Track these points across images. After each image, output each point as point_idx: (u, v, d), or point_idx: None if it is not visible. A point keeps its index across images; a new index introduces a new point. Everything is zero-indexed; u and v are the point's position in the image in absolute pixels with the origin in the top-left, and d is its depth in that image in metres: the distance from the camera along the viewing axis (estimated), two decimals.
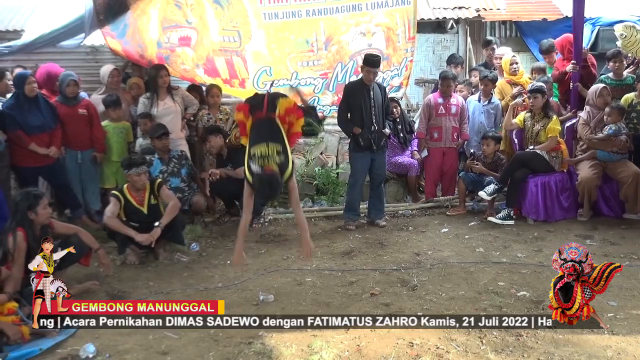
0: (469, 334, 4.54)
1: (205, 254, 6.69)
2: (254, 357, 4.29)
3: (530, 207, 7.37)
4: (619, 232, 6.91)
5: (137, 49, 7.92)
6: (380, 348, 4.35)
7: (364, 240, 7.01)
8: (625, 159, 7.28)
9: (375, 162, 7.44)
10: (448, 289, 5.43)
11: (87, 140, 7.48)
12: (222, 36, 7.94)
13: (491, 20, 11.00)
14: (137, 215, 6.37)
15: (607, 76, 7.89)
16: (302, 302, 5.27)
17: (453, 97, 8.22)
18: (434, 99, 8.25)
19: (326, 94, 8.24)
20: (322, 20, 8.00)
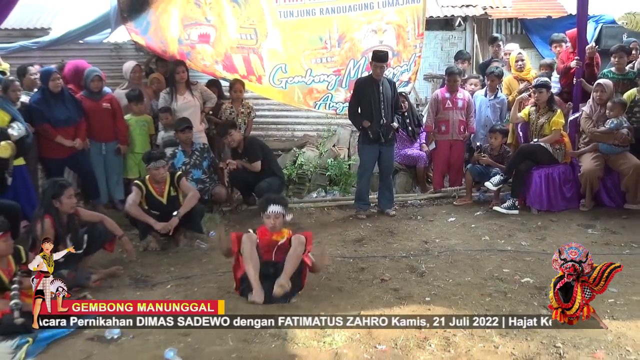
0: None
1: None
2: (269, 338, 4.31)
3: (534, 198, 7.36)
4: (620, 221, 6.88)
5: (160, 45, 7.95)
6: (390, 331, 4.36)
7: (375, 228, 7.03)
8: (627, 152, 7.23)
9: (383, 154, 7.44)
10: (455, 275, 5.44)
11: (110, 132, 7.53)
12: (240, 34, 7.95)
13: (497, 18, 10.94)
14: (157, 205, 6.42)
15: (609, 70, 7.84)
16: (316, 286, 5.28)
17: (459, 91, 8.22)
18: (441, 94, 8.25)
19: (339, 91, 8.23)
20: (335, 19, 7.99)
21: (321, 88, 8.26)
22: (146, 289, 5.39)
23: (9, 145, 5.01)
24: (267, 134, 9.77)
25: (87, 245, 5.54)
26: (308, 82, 8.19)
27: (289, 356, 4.07)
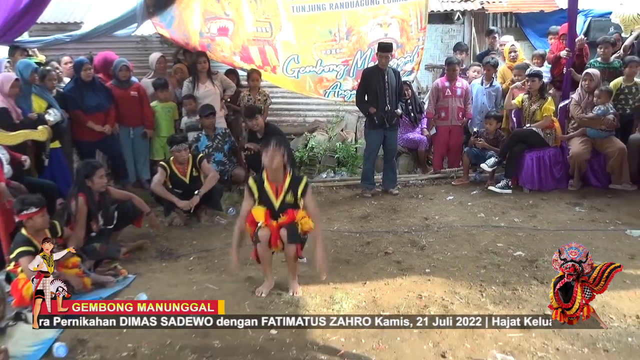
0: (470, 288, 4.56)
1: None
2: (283, 305, 4.34)
3: (526, 178, 7.34)
4: (605, 200, 6.85)
5: (183, 38, 7.97)
6: (393, 299, 4.39)
7: (379, 206, 7.02)
8: (612, 136, 7.21)
9: (387, 138, 7.41)
10: (453, 249, 5.44)
11: (138, 118, 7.54)
12: (255, 27, 7.93)
13: (493, 12, 10.86)
14: (180, 184, 6.43)
15: (596, 60, 7.82)
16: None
17: (458, 80, 8.17)
18: (441, 83, 8.21)
19: (347, 80, 8.20)
20: (343, 13, 7.96)
21: (330, 77, 8.24)
22: (171, 261, 5.43)
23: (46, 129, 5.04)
24: (281, 119, 9.74)
25: (117, 221, 5.58)
26: (318, 72, 8.17)
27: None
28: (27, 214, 4.53)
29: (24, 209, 4.52)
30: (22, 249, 4.45)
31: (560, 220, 6.22)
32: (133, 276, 5.00)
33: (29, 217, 4.54)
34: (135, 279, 4.95)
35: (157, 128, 7.69)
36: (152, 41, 9.25)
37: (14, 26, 6.80)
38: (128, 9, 7.65)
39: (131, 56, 8.57)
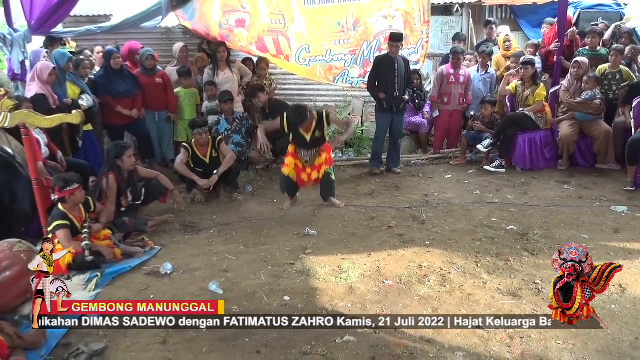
0: (467, 259, 4.56)
1: (257, 194, 6.75)
2: (295, 274, 4.36)
3: (519, 158, 7.28)
4: (592, 179, 6.79)
5: (204, 29, 7.92)
6: (395, 269, 4.39)
7: (383, 184, 7.00)
8: (599, 119, 7.15)
9: (394, 122, 7.36)
10: (450, 223, 5.42)
11: (162, 103, 7.52)
12: (270, 19, 7.86)
13: (490, 5, 10.70)
14: (201, 164, 6.42)
15: (584, 48, 7.75)
16: (333, 232, 5.31)
17: (461, 68, 8.10)
18: (446, 70, 8.13)
19: (354, 68, 8.11)
20: (351, 6, 7.87)
21: (339, 65, 8.17)
22: (193, 234, 5.46)
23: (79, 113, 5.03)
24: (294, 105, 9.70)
25: (144, 197, 5.61)
26: (328, 61, 8.10)
27: (311, 289, 4.11)
28: (70, 190, 4.56)
29: (68, 186, 4.56)
30: (58, 222, 4.48)
31: (550, 197, 6.18)
32: (159, 247, 5.03)
33: (71, 193, 4.57)
34: (161, 250, 4.98)
35: (181, 112, 7.67)
36: (176, 32, 9.19)
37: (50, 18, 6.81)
38: (154, 3, 7.60)
39: (156, 46, 8.52)
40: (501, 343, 3.36)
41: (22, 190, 4.95)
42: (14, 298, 3.81)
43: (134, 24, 7.78)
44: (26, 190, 4.90)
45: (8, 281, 3.77)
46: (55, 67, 6.23)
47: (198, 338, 3.47)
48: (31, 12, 6.74)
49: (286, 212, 5.95)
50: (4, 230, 4.59)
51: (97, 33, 7.74)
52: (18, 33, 6.85)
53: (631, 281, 4.09)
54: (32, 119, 4.60)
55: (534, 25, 10.08)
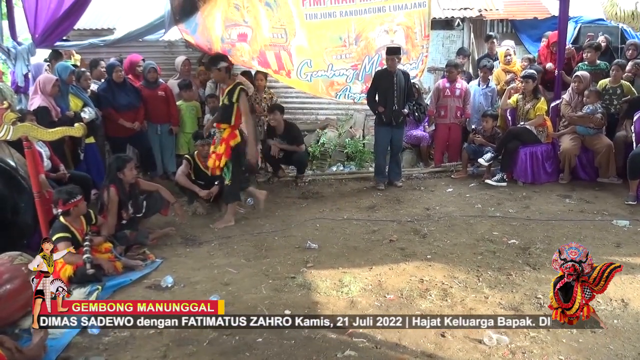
0: (468, 273, 4.54)
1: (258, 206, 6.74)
2: (296, 288, 4.34)
3: (520, 172, 7.29)
4: (593, 192, 6.78)
5: (206, 43, 7.90)
6: (396, 283, 4.37)
7: (385, 197, 6.99)
8: (600, 133, 7.15)
9: (394, 135, 7.36)
10: (452, 237, 5.41)
11: (165, 116, 7.53)
12: (272, 33, 7.87)
13: (491, 19, 10.75)
14: (202, 176, 6.43)
15: (583, 63, 7.79)
16: (335, 245, 5.29)
17: (458, 82, 8.12)
18: (442, 84, 8.18)
19: (356, 83, 8.09)
20: (353, 20, 7.89)
21: (341, 81, 8.17)
22: (194, 246, 5.44)
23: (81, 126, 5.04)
24: (295, 117, 9.71)
25: (146, 210, 5.59)
26: (330, 76, 8.11)
27: (312, 303, 4.09)
28: (74, 202, 4.59)
29: (72, 198, 4.58)
30: (60, 234, 4.48)
31: (552, 211, 6.16)
32: (160, 260, 5.01)
33: (75, 205, 4.59)
34: (162, 263, 4.97)
35: (182, 125, 7.68)
36: (178, 46, 9.26)
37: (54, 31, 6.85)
38: (156, 17, 7.64)
39: (159, 59, 8.58)
40: (502, 358, 3.34)
41: (24, 203, 4.94)
42: (14, 311, 3.79)
43: (137, 37, 7.81)
44: (28, 203, 4.89)
45: (8, 294, 3.74)
46: (57, 79, 6.25)
47: (198, 352, 3.45)
48: (35, 25, 6.78)
49: (287, 225, 5.93)
50: (5, 243, 4.58)
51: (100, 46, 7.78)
52: (22, 46, 6.88)
53: (633, 296, 4.08)
54: (35, 131, 4.61)
55: (534, 40, 10.14)
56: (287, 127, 7.57)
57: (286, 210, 6.52)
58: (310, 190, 7.39)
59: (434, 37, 10.11)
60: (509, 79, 8.24)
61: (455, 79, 8.09)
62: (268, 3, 7.70)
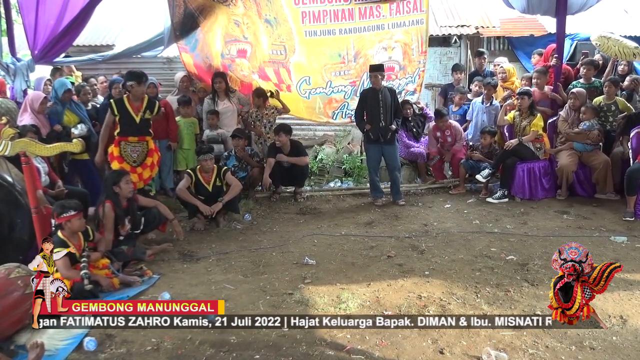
0: (466, 289, 4.51)
1: (256, 222, 6.71)
2: (294, 304, 4.31)
3: (518, 188, 7.29)
4: (591, 209, 6.78)
5: (206, 60, 7.94)
6: (395, 299, 4.35)
7: (383, 213, 6.98)
8: (597, 149, 7.19)
9: (386, 152, 7.34)
10: (450, 253, 5.39)
11: (163, 131, 7.49)
12: (271, 50, 7.93)
13: (487, 36, 10.86)
14: (203, 191, 6.44)
15: (578, 81, 7.84)
16: (333, 261, 5.27)
17: (448, 127, 8.22)
18: (433, 132, 8.36)
19: (354, 99, 8.14)
20: (352, 37, 7.96)
21: (339, 97, 8.23)
22: (192, 262, 5.41)
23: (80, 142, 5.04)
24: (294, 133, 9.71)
25: (144, 226, 5.58)
26: (328, 93, 8.17)
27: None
28: (66, 217, 4.56)
29: (64, 212, 4.56)
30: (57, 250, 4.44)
31: (549, 227, 6.16)
32: (157, 276, 4.98)
33: (67, 220, 4.57)
34: (160, 279, 4.93)
35: (180, 141, 7.66)
36: (177, 62, 9.29)
37: (53, 48, 6.89)
38: (156, 33, 7.69)
39: (158, 75, 8.61)
40: None
41: (21, 219, 4.92)
42: (9, 326, 3.74)
43: (136, 52, 7.87)
44: (25, 219, 4.88)
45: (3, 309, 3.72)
46: (46, 97, 6.26)
47: None
48: (34, 41, 6.83)
49: (285, 241, 5.92)
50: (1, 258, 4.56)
51: (99, 62, 7.82)
52: (21, 62, 6.93)
53: (632, 312, 4.06)
54: (33, 147, 4.61)
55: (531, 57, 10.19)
56: (293, 146, 7.55)
57: (284, 226, 6.50)
58: (308, 206, 7.38)
59: (431, 53, 10.19)
60: (505, 96, 8.28)
61: (445, 127, 8.21)
62: (268, 20, 7.77)
